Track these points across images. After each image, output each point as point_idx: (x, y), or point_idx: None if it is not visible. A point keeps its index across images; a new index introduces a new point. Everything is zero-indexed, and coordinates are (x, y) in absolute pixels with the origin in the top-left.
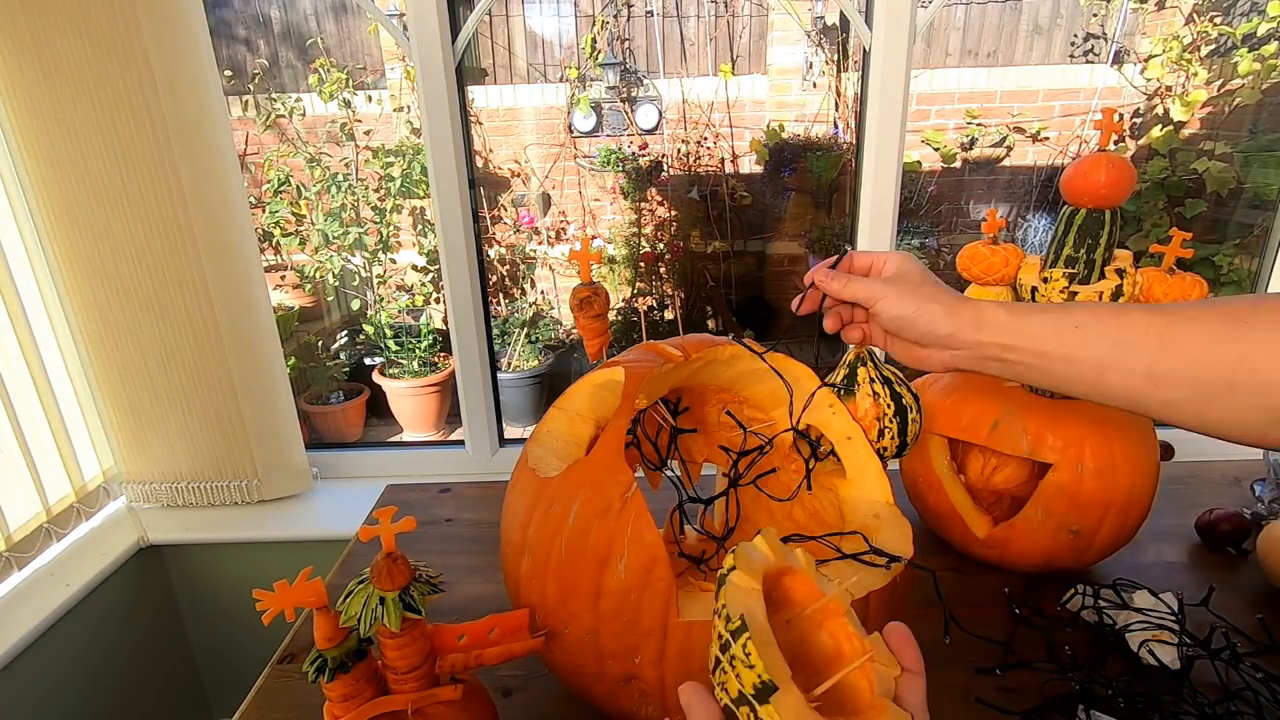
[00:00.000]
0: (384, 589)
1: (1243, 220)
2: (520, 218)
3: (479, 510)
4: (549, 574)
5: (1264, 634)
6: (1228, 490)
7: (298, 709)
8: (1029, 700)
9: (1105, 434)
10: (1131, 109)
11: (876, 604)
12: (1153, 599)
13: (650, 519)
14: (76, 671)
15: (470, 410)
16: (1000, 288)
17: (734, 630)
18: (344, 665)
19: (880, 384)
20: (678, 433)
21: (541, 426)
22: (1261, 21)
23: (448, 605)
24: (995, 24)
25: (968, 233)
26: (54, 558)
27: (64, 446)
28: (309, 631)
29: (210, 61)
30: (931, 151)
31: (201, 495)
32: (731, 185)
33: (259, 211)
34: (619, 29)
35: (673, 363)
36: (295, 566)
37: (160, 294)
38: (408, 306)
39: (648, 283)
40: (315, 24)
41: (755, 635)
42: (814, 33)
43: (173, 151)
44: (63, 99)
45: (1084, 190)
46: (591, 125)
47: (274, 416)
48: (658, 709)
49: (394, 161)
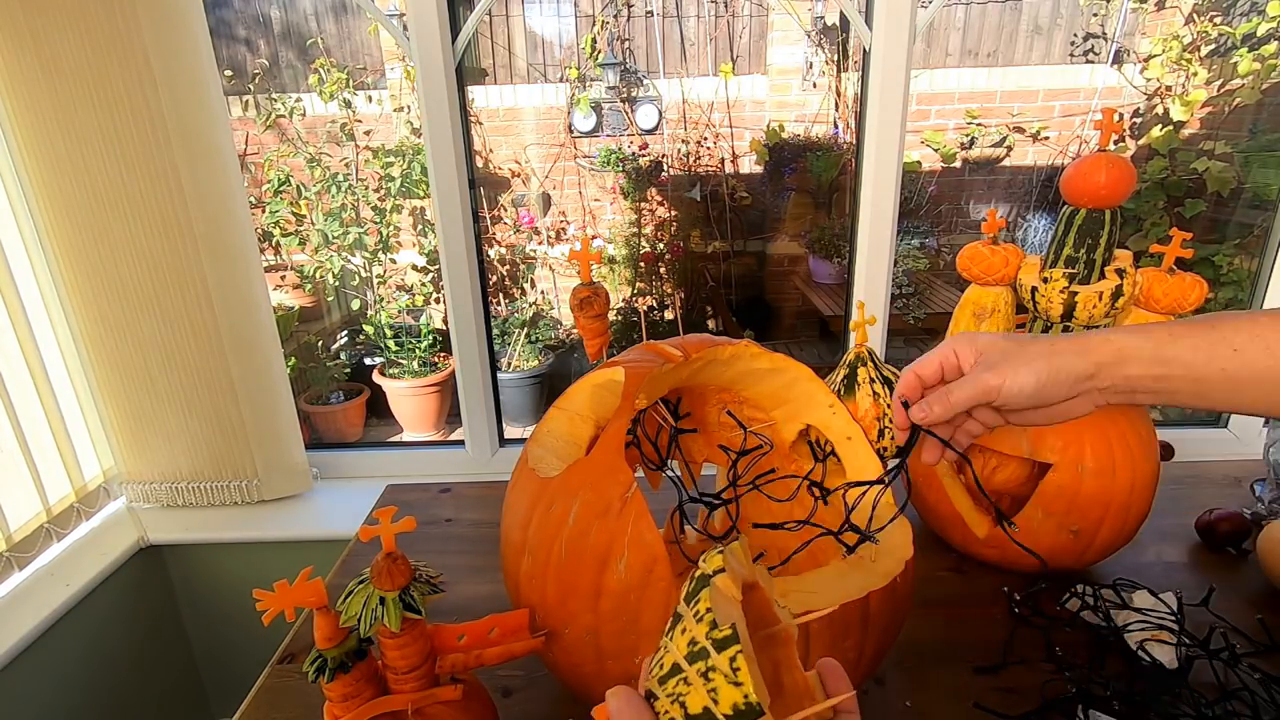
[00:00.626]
0: (384, 589)
1: (1243, 220)
2: (520, 218)
3: (479, 510)
4: (549, 574)
5: (1264, 634)
6: (1228, 490)
7: (298, 709)
8: (1028, 700)
9: (1105, 434)
10: (1131, 109)
11: (877, 604)
12: (1152, 599)
13: (650, 519)
14: (77, 671)
15: (470, 410)
16: (1000, 287)
17: (720, 640)
18: (344, 665)
19: (880, 384)
20: (678, 433)
21: (541, 426)
22: (1261, 21)
23: (448, 605)
24: (995, 24)
25: (968, 233)
26: (54, 558)
27: (64, 446)
28: (309, 631)
29: (210, 61)
30: (931, 151)
31: (201, 495)
32: (731, 185)
33: (259, 211)
34: (619, 29)
35: (673, 363)
36: (295, 566)
37: (160, 294)
38: (408, 306)
39: (648, 283)
40: (315, 24)
41: (745, 650)
42: (814, 33)
43: (173, 151)
44: (63, 99)
45: (1084, 190)
46: (591, 125)
47: (274, 416)
48: None
49: (394, 161)
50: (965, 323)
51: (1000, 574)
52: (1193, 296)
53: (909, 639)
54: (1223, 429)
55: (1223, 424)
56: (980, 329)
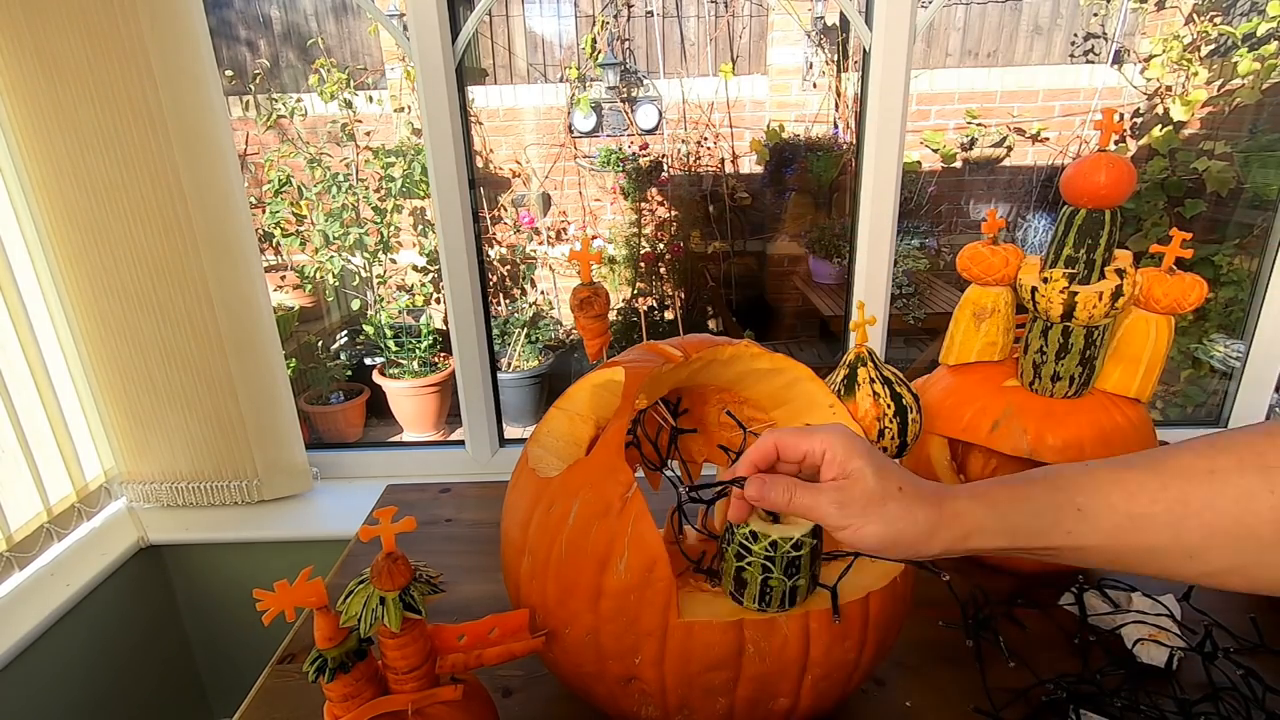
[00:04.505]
0: (384, 589)
1: (1243, 220)
2: (520, 218)
3: (479, 510)
4: (549, 574)
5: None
6: None
7: (298, 709)
8: (1024, 701)
9: (1105, 435)
10: (1131, 109)
11: (877, 604)
12: (1150, 600)
13: (650, 519)
14: (77, 671)
15: (470, 410)
16: (1000, 287)
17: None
18: (344, 665)
19: (880, 384)
20: (678, 433)
21: (542, 426)
22: (1261, 21)
23: (448, 605)
24: (995, 24)
25: (968, 233)
26: (55, 558)
27: (65, 446)
28: (309, 631)
29: (210, 61)
30: (931, 151)
31: (201, 495)
32: (732, 185)
33: (259, 212)
34: (619, 29)
35: (673, 363)
36: (295, 566)
37: (160, 294)
38: (408, 306)
39: (648, 283)
40: (316, 24)
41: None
42: (814, 33)
43: (173, 151)
44: (63, 99)
45: (1084, 190)
46: (591, 125)
47: (274, 416)
48: (658, 709)
49: (394, 162)
50: (965, 323)
51: (1000, 574)
52: (1193, 296)
53: (909, 639)
54: (1222, 428)
55: (1222, 424)
56: (980, 329)
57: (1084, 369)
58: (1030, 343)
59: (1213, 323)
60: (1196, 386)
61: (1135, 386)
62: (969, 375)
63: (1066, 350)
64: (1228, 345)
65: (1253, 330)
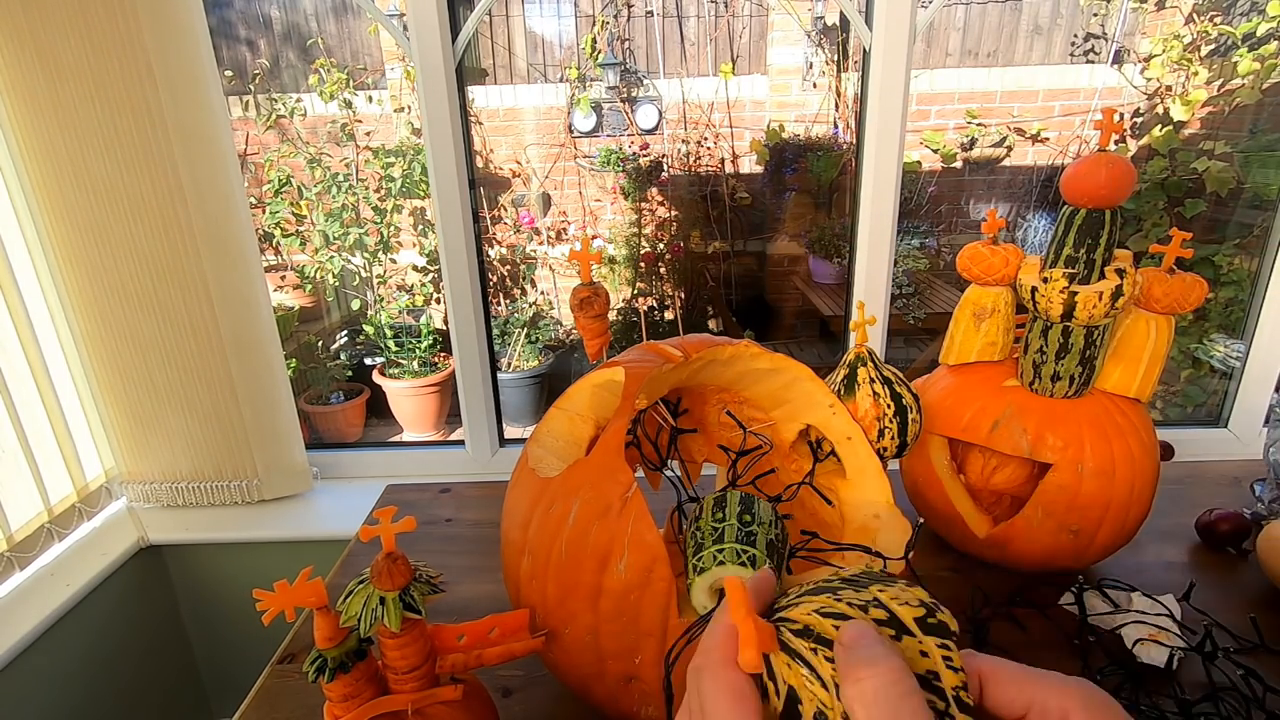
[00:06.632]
0: (384, 589)
1: (1243, 220)
2: (520, 218)
3: (479, 510)
4: (549, 574)
5: (1256, 634)
6: (1228, 490)
7: (298, 709)
8: None
9: (1105, 434)
10: (1131, 109)
11: None
12: (1150, 600)
13: (650, 519)
14: (77, 671)
15: (470, 410)
16: (1000, 287)
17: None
18: (344, 665)
19: (880, 384)
20: (678, 433)
21: (541, 426)
22: (1261, 21)
23: (448, 605)
24: (995, 24)
25: (968, 233)
26: (55, 558)
27: (65, 446)
28: (309, 631)
29: (210, 61)
30: (931, 152)
31: (202, 495)
32: (732, 185)
33: (259, 212)
34: (619, 29)
35: (673, 363)
36: (295, 566)
37: (160, 294)
38: (408, 306)
39: (648, 283)
40: (316, 24)
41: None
42: (814, 33)
43: (173, 151)
44: (63, 99)
45: (1084, 190)
46: (591, 125)
47: (274, 416)
48: (658, 709)
49: (394, 162)
50: (965, 323)
51: (1000, 574)
52: (1193, 296)
53: None
54: (1222, 429)
55: (1222, 424)
56: (980, 329)
57: (1084, 369)
58: (1030, 343)
59: (1213, 323)
60: (1196, 386)
61: (1135, 386)
62: (969, 375)
63: (1066, 350)
64: (1228, 345)
65: (1253, 330)
